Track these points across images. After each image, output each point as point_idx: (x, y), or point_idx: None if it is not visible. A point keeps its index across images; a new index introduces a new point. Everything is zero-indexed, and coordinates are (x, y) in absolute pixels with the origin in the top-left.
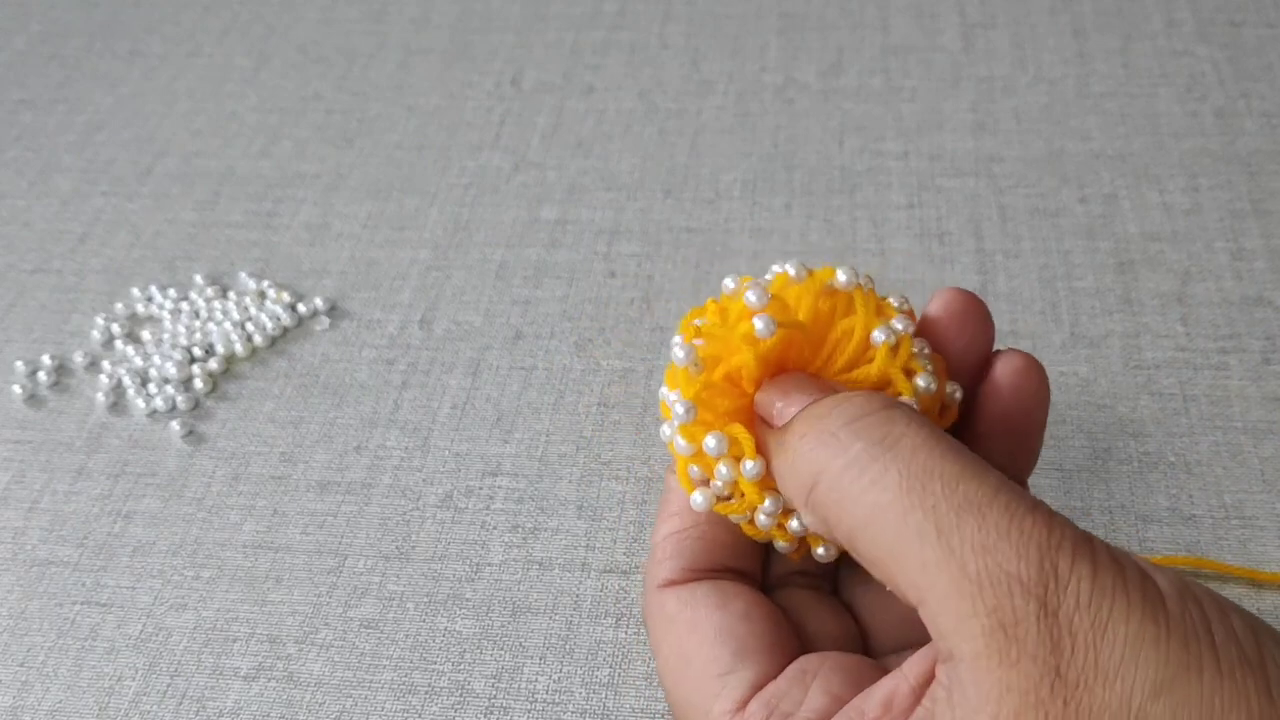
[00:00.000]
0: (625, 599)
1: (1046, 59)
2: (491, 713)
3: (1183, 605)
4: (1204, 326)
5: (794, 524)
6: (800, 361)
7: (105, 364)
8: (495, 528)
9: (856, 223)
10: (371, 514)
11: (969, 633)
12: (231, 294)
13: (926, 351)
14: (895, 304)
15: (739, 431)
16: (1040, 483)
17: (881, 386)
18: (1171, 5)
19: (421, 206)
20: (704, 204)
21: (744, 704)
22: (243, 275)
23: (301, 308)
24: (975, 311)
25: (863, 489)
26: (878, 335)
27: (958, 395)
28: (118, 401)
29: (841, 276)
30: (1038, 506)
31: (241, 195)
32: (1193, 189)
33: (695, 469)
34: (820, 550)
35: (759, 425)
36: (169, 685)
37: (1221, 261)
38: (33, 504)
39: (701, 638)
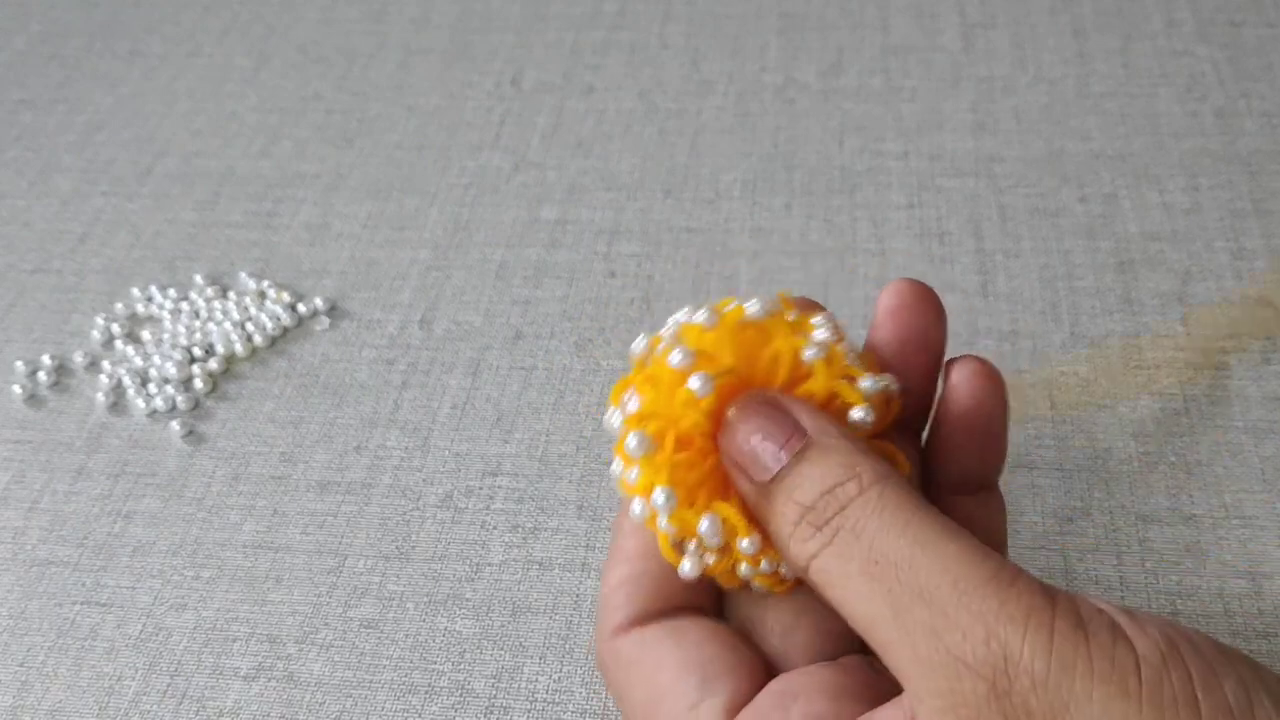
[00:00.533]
0: None
1: (1046, 59)
2: (491, 712)
3: (1161, 670)
4: (1204, 326)
5: (783, 569)
6: None
7: (105, 364)
8: (495, 528)
9: (856, 223)
10: (371, 514)
11: (928, 712)
12: (231, 294)
13: (856, 352)
14: (816, 321)
15: (728, 512)
16: (1040, 483)
17: (829, 399)
18: (1171, 5)
19: (421, 206)
20: (704, 204)
21: None
22: (243, 275)
23: (301, 308)
24: (928, 299)
25: (838, 576)
26: (808, 353)
27: (894, 387)
28: (118, 401)
29: (750, 309)
30: (994, 577)
31: (241, 195)
32: (1193, 189)
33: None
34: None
35: (736, 474)
36: (169, 685)
37: (1221, 261)
38: (33, 504)
39: (666, 675)
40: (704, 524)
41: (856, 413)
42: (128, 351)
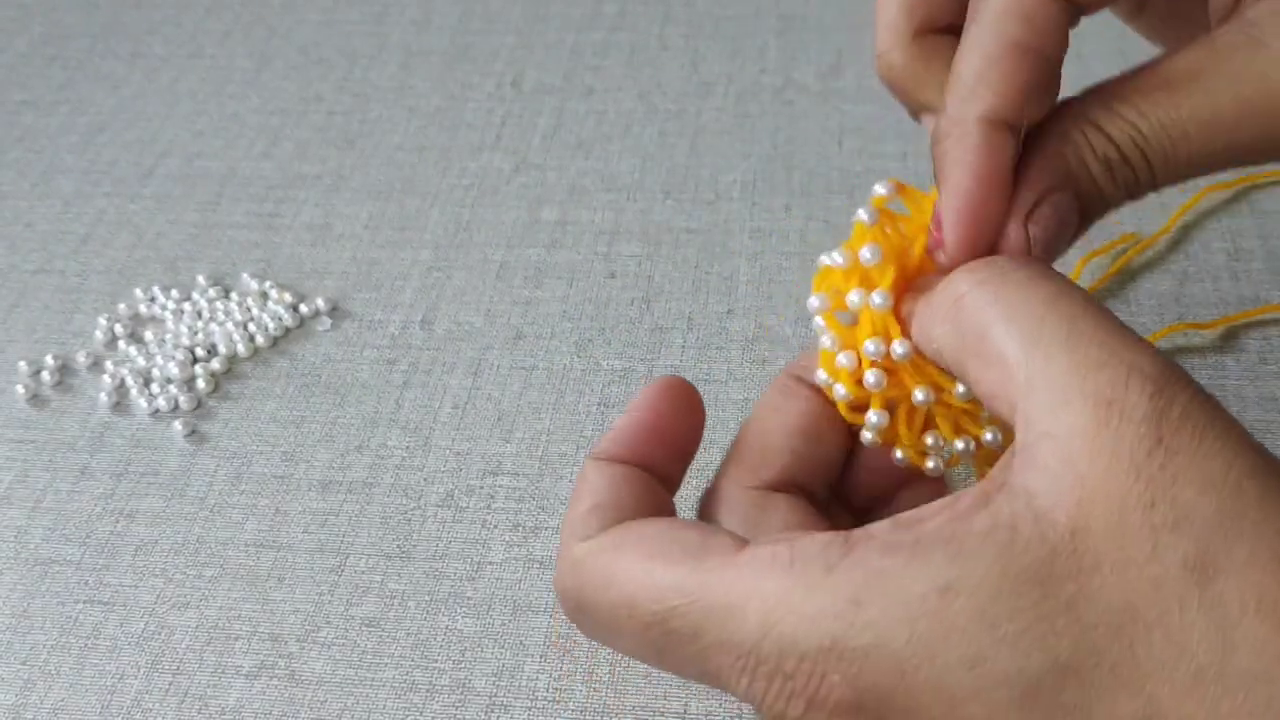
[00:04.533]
0: None
1: None
2: (492, 710)
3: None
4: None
5: (919, 395)
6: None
7: (108, 364)
8: (496, 527)
9: None
10: (373, 513)
11: (1074, 409)
12: (234, 294)
13: None
14: None
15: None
16: None
17: None
18: None
19: (422, 207)
20: (704, 205)
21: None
22: (245, 276)
23: (303, 308)
24: (690, 400)
25: (1009, 291)
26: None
27: None
28: (120, 401)
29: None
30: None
31: (243, 196)
32: (1191, 188)
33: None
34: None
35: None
36: (171, 683)
37: (1219, 261)
38: (36, 503)
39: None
40: (899, 346)
41: None
42: (130, 351)
